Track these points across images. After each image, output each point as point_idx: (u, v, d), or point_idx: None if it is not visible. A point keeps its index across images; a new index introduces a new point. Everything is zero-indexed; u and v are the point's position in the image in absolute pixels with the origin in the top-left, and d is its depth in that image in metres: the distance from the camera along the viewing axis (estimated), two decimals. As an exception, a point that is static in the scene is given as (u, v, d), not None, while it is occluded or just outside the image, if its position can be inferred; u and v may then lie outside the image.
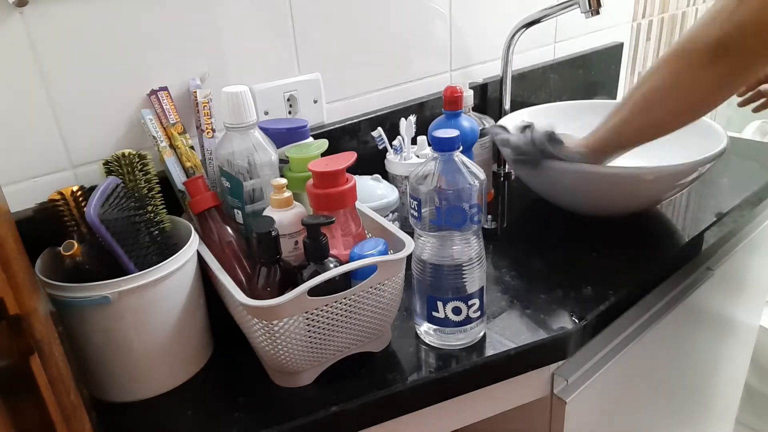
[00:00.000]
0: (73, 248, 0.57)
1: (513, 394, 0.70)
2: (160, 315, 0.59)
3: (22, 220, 0.64)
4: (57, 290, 0.55)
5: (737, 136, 1.22)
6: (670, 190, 0.83)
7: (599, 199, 0.85)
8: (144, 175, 0.65)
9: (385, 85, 0.99)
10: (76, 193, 0.61)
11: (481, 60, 1.12)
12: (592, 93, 1.36)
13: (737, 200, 0.93)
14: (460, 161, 0.60)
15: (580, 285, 0.74)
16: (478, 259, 0.62)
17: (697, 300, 0.89)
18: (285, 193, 0.63)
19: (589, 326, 0.69)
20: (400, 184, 0.86)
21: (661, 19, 1.54)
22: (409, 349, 0.66)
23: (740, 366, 1.24)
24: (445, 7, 1.03)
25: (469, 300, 0.63)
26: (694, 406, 1.08)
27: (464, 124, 0.87)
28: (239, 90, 0.65)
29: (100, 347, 0.58)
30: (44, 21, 0.66)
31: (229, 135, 0.67)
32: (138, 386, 0.61)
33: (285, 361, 0.58)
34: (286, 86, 0.87)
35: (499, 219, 0.95)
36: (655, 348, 0.84)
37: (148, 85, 0.74)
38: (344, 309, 0.58)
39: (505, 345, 0.65)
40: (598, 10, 0.92)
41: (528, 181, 0.92)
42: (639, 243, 0.84)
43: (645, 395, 0.88)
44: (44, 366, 0.38)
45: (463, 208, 0.59)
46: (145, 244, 0.62)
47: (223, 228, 0.67)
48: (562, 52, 1.28)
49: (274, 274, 0.59)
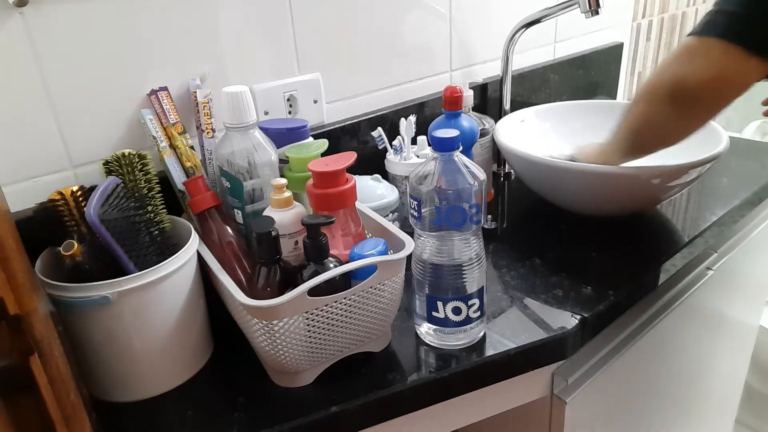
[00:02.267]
0: (73, 248, 0.57)
1: (513, 394, 0.70)
2: (160, 315, 0.59)
3: (22, 220, 0.64)
4: (57, 290, 0.55)
5: (737, 136, 1.22)
6: (670, 190, 0.83)
7: (599, 199, 0.85)
8: (144, 175, 0.65)
9: (385, 85, 0.99)
10: (76, 193, 0.61)
11: (481, 60, 1.13)
12: (592, 93, 1.36)
13: (737, 200, 0.93)
14: (460, 161, 0.60)
15: (580, 285, 0.74)
16: (478, 259, 0.62)
17: (696, 300, 0.89)
18: (285, 193, 0.63)
19: (589, 326, 0.69)
20: (400, 184, 0.86)
21: (661, 19, 1.54)
22: (409, 349, 0.66)
23: (740, 366, 1.24)
24: (445, 7, 1.03)
25: (469, 300, 0.63)
26: (693, 406, 1.08)
27: (464, 124, 0.87)
28: (239, 90, 0.65)
29: (100, 347, 0.58)
30: (44, 21, 0.66)
31: (229, 135, 0.67)
32: (138, 386, 0.61)
33: (285, 361, 0.58)
34: (286, 86, 0.87)
35: (499, 219, 0.95)
36: (655, 348, 0.84)
37: (148, 85, 0.74)
38: (344, 309, 0.58)
39: (505, 345, 0.65)
40: (598, 10, 0.92)
41: (528, 181, 0.93)
42: (639, 243, 0.84)
43: (645, 395, 0.88)
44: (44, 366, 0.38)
45: (463, 208, 0.59)
46: (145, 244, 0.62)
47: (223, 228, 0.67)
48: (562, 52, 1.28)
49: (274, 274, 0.59)
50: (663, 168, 0.78)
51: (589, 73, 1.33)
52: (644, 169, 0.78)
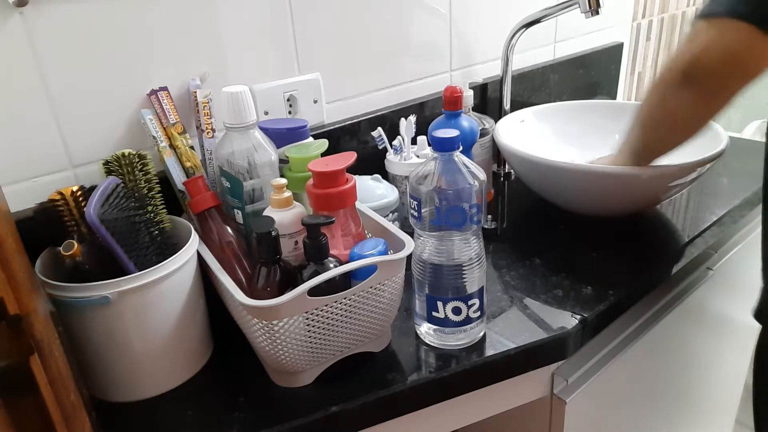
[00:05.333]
0: (73, 248, 0.57)
1: (513, 394, 0.70)
2: (160, 315, 0.59)
3: (22, 220, 0.64)
4: (57, 290, 0.55)
5: (737, 136, 1.22)
6: (670, 190, 0.83)
7: (599, 199, 0.85)
8: (144, 175, 0.64)
9: (385, 85, 0.99)
10: (76, 193, 0.61)
11: (481, 60, 1.12)
12: (592, 93, 1.36)
13: (737, 200, 0.93)
14: (460, 161, 0.60)
15: (580, 285, 0.74)
16: (478, 259, 0.62)
17: (696, 300, 0.89)
18: (285, 193, 0.63)
19: (589, 326, 0.69)
20: (400, 184, 0.86)
21: (661, 19, 1.54)
22: (409, 349, 0.66)
23: (740, 366, 1.24)
24: (445, 7, 1.03)
25: (469, 300, 0.63)
26: (694, 406, 1.08)
27: (464, 124, 0.87)
28: (239, 90, 0.65)
29: (100, 347, 0.58)
30: (44, 21, 0.66)
31: (229, 135, 0.67)
32: (138, 386, 0.61)
33: (285, 361, 0.58)
34: (286, 86, 0.87)
35: (499, 219, 0.95)
36: (655, 348, 0.84)
37: (148, 85, 0.74)
38: (344, 309, 0.58)
39: (505, 345, 0.65)
40: (598, 10, 0.92)
41: (528, 181, 0.93)
42: (639, 243, 0.84)
43: (645, 395, 0.88)
44: (44, 366, 0.38)
45: (463, 208, 0.59)
46: (145, 244, 0.62)
47: (223, 228, 0.67)
48: (562, 52, 1.28)
49: (274, 274, 0.59)
50: (663, 168, 0.77)
51: (589, 73, 1.33)
52: (644, 169, 0.77)
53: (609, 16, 1.35)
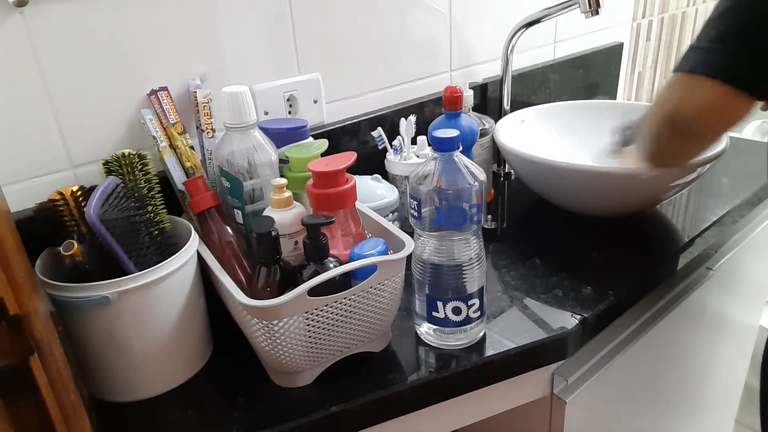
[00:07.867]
0: (73, 248, 0.57)
1: (513, 394, 0.70)
2: (160, 315, 0.59)
3: (22, 220, 0.64)
4: (57, 290, 0.55)
5: (737, 136, 1.22)
6: (670, 190, 0.83)
7: (599, 199, 0.85)
8: (144, 175, 0.65)
9: (385, 85, 0.99)
10: (76, 193, 0.61)
11: (481, 60, 1.12)
12: (592, 93, 1.36)
13: (737, 200, 0.93)
14: (460, 161, 0.60)
15: (580, 285, 0.74)
16: (478, 259, 0.62)
17: (697, 300, 0.89)
18: (285, 193, 0.63)
19: (589, 326, 0.69)
20: (400, 184, 0.86)
21: (661, 19, 1.54)
22: (409, 349, 0.66)
23: (740, 366, 1.24)
24: (445, 7, 1.03)
25: (469, 300, 0.63)
26: (694, 406, 1.08)
27: (464, 124, 0.87)
28: (239, 90, 0.65)
29: (100, 347, 0.58)
30: (44, 21, 0.66)
31: (229, 135, 0.67)
32: (138, 386, 0.61)
33: (285, 361, 0.58)
34: (286, 86, 0.87)
35: (499, 219, 0.95)
36: (655, 348, 0.84)
37: (148, 85, 0.74)
38: (344, 309, 0.58)
39: (505, 345, 0.65)
40: (598, 10, 0.92)
41: (528, 181, 0.93)
42: (639, 243, 0.84)
43: (645, 395, 0.88)
44: (44, 366, 0.38)
45: (463, 208, 0.59)
46: (145, 244, 0.62)
47: (223, 228, 0.67)
48: (562, 52, 1.28)
49: (274, 274, 0.59)
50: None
51: (589, 73, 1.33)
52: (644, 169, 0.77)
53: (609, 16, 1.35)
